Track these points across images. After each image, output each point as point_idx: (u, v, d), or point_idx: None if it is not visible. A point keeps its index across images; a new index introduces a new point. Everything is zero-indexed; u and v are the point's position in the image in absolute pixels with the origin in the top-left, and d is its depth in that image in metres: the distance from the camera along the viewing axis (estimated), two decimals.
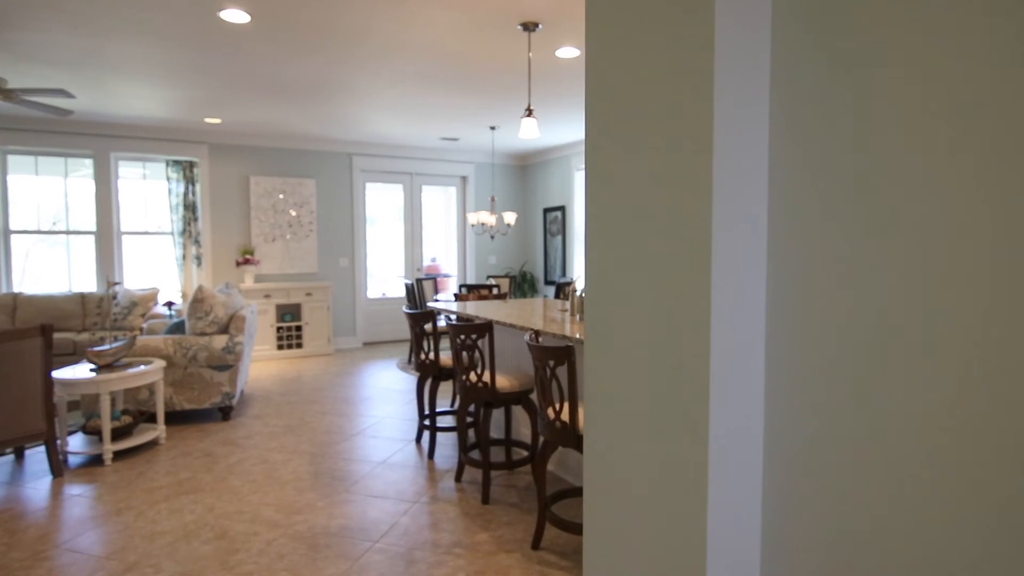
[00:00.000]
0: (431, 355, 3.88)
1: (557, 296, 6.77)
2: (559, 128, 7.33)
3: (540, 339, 2.74)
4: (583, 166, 8.19)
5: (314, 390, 5.74)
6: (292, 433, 4.38)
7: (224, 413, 4.72)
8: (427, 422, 4.18)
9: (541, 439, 2.93)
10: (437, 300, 7.18)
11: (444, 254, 9.35)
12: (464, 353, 3.25)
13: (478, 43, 4.25)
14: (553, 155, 8.87)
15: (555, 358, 2.37)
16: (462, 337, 3.15)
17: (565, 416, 2.44)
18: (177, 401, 4.54)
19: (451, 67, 4.83)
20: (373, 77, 5.09)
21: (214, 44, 4.23)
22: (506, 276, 8.41)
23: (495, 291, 6.46)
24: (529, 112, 3.88)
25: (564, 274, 8.78)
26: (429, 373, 3.86)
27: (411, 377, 6.33)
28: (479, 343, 4.00)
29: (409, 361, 7.14)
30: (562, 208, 8.75)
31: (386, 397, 5.47)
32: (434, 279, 7.80)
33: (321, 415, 4.87)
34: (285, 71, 4.89)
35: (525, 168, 9.66)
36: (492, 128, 7.26)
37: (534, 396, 3.77)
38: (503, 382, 3.17)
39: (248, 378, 6.11)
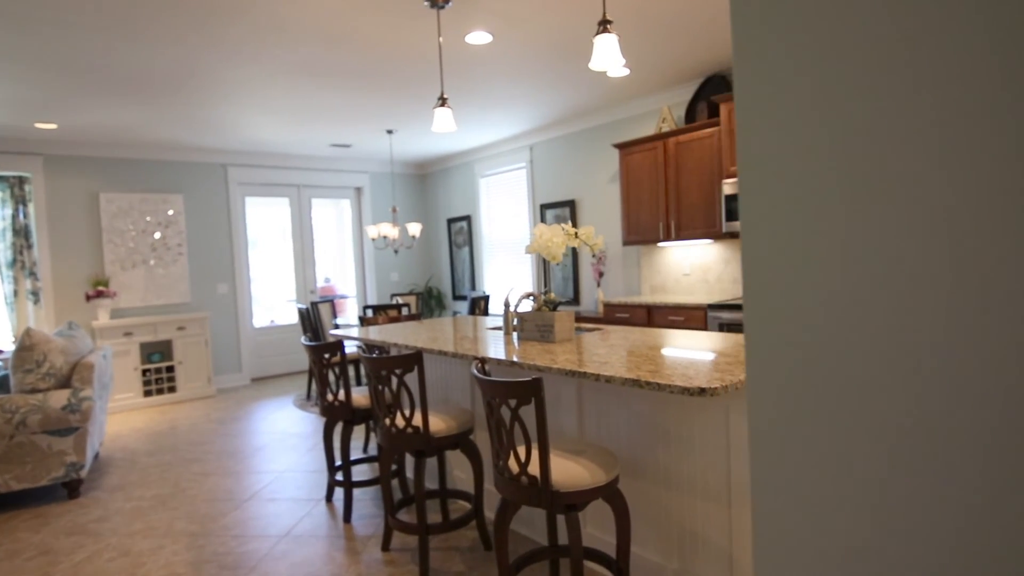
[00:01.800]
0: (340, 395, 3.20)
1: (472, 312, 6.23)
2: (463, 130, 6.81)
3: (487, 368, 2.21)
4: (488, 172, 7.73)
5: (192, 444, 4.77)
6: (164, 507, 3.49)
7: (70, 489, 3.71)
8: (340, 476, 3.47)
9: (500, 499, 2.35)
10: (338, 326, 6.38)
11: (340, 273, 8.50)
12: (386, 392, 2.62)
13: (375, 23, 3.65)
14: (455, 162, 8.34)
15: (519, 395, 1.83)
16: (383, 372, 2.52)
17: (534, 469, 1.90)
18: (1, 481, 3.49)
19: (343, 54, 4.17)
20: (248, 68, 4.31)
21: (36, 23, 3.30)
22: (411, 293, 7.74)
23: (405, 311, 5.80)
24: (443, 101, 3.33)
25: (474, 287, 8.26)
26: (339, 417, 3.17)
27: (312, 416, 5.50)
28: (405, 378, 3.37)
29: (309, 397, 6.27)
30: (467, 218, 8.24)
31: (284, 444, 4.63)
32: (331, 301, 6.97)
33: (202, 477, 3.97)
34: (136, 60, 4.00)
35: (425, 177, 9.05)
36: (389, 132, 6.61)
37: (475, 436, 3.20)
38: (437, 423, 2.57)
39: (104, 438, 5.00)
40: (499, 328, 3.59)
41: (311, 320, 6.17)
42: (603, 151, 6.31)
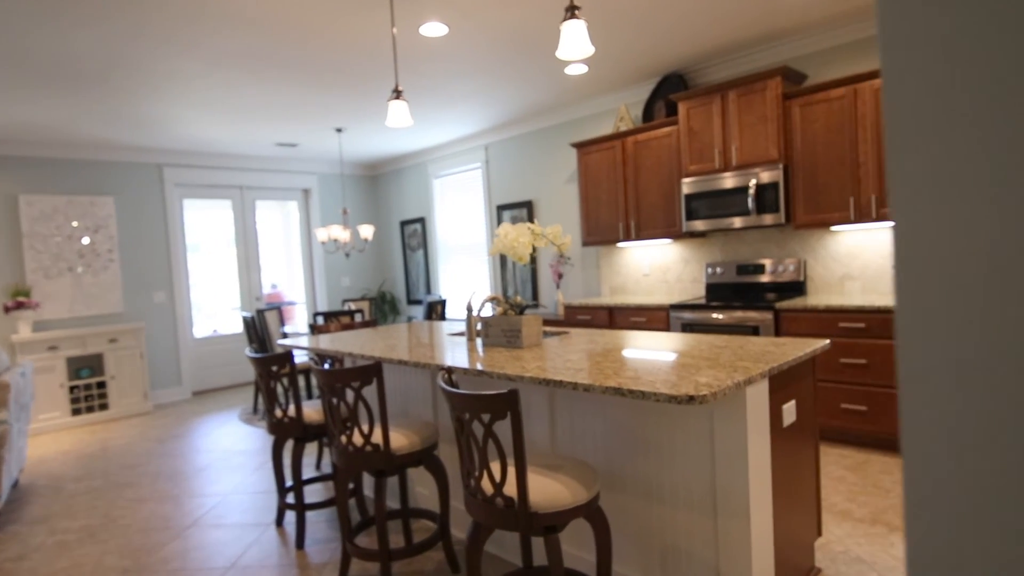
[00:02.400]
0: (290, 410, 2.95)
1: (428, 317, 6.02)
2: (417, 130, 6.60)
3: (454, 378, 2.04)
4: (443, 173, 7.53)
5: (126, 467, 4.39)
6: (93, 540, 3.15)
7: None
8: (291, 498, 3.22)
9: (471, 522, 2.19)
10: (286, 334, 6.06)
11: (287, 279, 8.13)
12: (342, 407, 2.40)
13: (323, 11, 3.41)
14: (409, 162, 8.10)
15: (493, 409, 1.67)
16: (339, 386, 2.31)
17: (510, 489, 1.74)
18: None
19: (288, 46, 3.91)
20: (181, 58, 3.99)
21: None
22: (364, 298, 7.46)
23: (358, 317, 5.54)
24: (397, 94, 3.12)
25: (429, 291, 8.03)
26: (289, 434, 2.92)
27: (259, 432, 5.17)
28: (364, 392, 3.15)
29: (255, 411, 5.92)
30: (421, 220, 8.00)
31: (229, 463, 4.32)
32: (278, 308, 6.62)
33: (137, 504, 3.64)
34: (54, 47, 3.63)
35: (377, 178, 8.77)
36: (338, 131, 6.33)
37: (439, 451, 3.00)
38: (399, 440, 2.38)
39: (24, 464, 4.55)
40: (461, 334, 3.41)
41: (257, 329, 5.82)
42: (560, 151, 6.21)
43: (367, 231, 6.38)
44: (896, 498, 3.06)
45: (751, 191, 4.32)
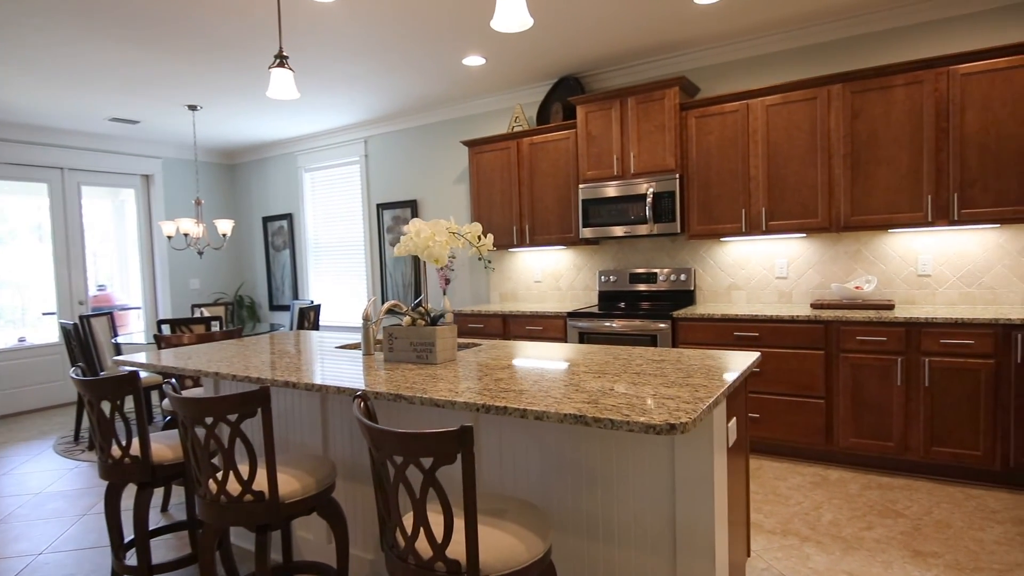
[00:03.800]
0: (134, 447, 2.32)
1: (300, 325, 5.37)
2: (288, 116, 5.90)
3: (371, 406, 1.62)
4: (315, 166, 6.88)
5: None
6: None
7: None
8: (132, 558, 2.57)
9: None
10: (120, 346, 5.08)
11: (120, 279, 6.94)
12: (209, 445, 1.87)
13: None
14: (275, 152, 7.28)
15: (439, 451, 1.30)
16: (210, 420, 1.79)
17: (456, 550, 1.38)
18: None
19: None
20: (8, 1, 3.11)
21: None
22: (218, 303, 6.55)
23: (216, 326, 4.77)
24: (281, 60, 2.61)
25: (297, 296, 7.27)
26: (131, 478, 2.29)
27: (85, 467, 4.23)
28: (243, 425, 2.55)
29: (77, 438, 4.88)
30: (289, 216, 7.23)
31: (42, 511, 3.43)
32: (110, 314, 5.57)
33: None
34: None
35: (236, 167, 7.81)
36: (192, 108, 5.47)
37: (337, 492, 2.52)
38: (289, 484, 1.90)
39: None
40: (353, 347, 2.95)
41: (81, 339, 4.81)
42: (450, 148, 5.87)
43: (225, 226, 5.57)
44: (796, 505, 3.10)
45: (649, 199, 4.30)
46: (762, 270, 4.39)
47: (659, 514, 1.76)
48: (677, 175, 4.23)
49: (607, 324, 4.29)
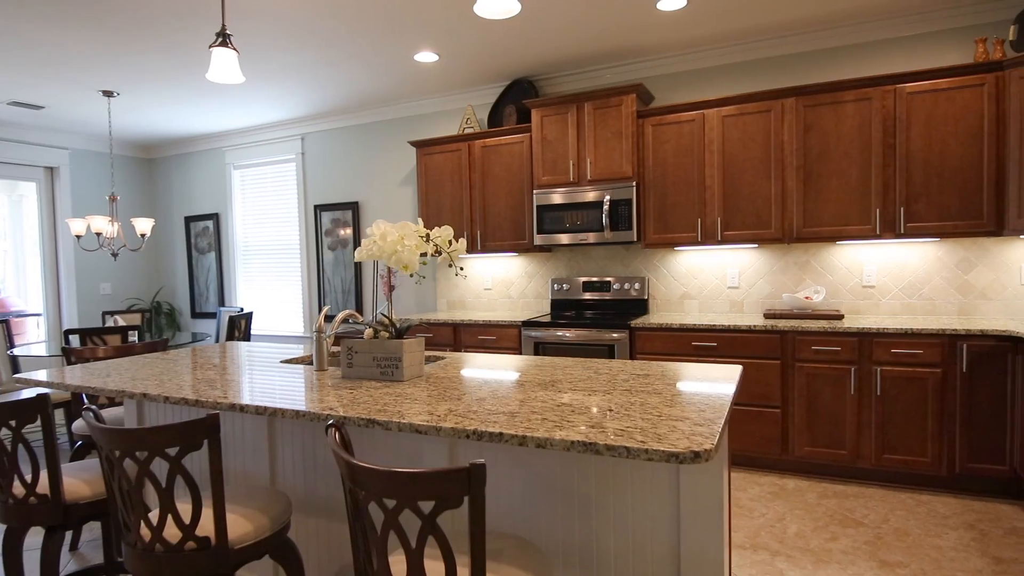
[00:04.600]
0: (41, 482, 1.97)
1: (231, 335, 4.95)
2: (215, 107, 5.45)
3: (342, 435, 1.39)
4: (245, 163, 6.42)
5: None
6: None
7: None
8: None
9: None
10: (17, 359, 4.49)
11: (16, 282, 6.21)
12: (143, 483, 1.58)
13: None
14: (200, 146, 6.75)
15: (442, 494, 1.10)
16: (144, 454, 1.50)
17: None
18: None
19: None
20: None
21: None
22: (133, 310, 5.97)
23: (133, 336, 4.30)
24: (224, 39, 2.32)
25: (224, 302, 6.75)
26: (37, 520, 1.93)
27: None
28: (185, 460, 2.21)
29: None
30: (215, 216, 6.72)
31: None
32: (5, 322, 4.93)
33: None
34: None
35: (155, 162, 7.19)
36: (108, 94, 4.95)
37: (293, 531, 2.24)
38: (240, 525, 1.64)
39: None
40: (300, 361, 2.68)
41: None
42: (396, 149, 5.61)
43: (144, 225, 5.06)
44: (760, 517, 3.08)
45: (606, 207, 4.22)
46: (714, 280, 4.41)
47: (662, 544, 1.63)
48: (634, 183, 4.18)
49: (563, 334, 4.17)
